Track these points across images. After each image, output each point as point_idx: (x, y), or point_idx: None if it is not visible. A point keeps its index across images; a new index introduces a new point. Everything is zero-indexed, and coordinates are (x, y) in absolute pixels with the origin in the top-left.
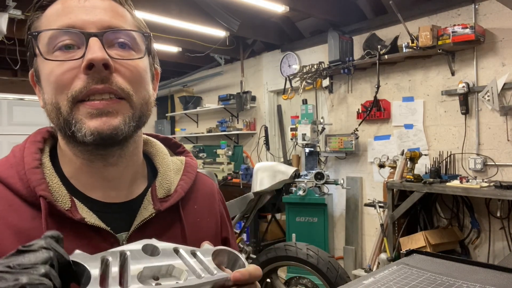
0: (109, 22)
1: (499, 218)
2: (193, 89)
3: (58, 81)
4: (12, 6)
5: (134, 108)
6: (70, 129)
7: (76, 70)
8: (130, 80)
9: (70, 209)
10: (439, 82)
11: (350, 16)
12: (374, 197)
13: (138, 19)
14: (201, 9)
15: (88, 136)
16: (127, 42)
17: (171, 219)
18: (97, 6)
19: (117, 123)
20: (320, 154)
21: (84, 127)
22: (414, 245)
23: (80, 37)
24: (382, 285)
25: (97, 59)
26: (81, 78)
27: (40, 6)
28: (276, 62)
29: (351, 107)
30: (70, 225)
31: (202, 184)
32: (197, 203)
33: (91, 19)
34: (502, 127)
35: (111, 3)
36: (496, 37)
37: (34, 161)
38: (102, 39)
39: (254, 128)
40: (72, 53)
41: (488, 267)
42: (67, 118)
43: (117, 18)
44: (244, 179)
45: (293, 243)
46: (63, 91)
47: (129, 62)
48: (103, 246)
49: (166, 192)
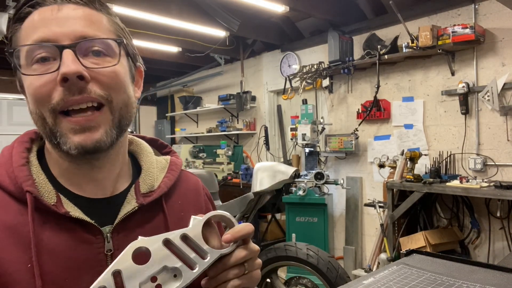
0: (81, 32)
1: (499, 218)
2: (193, 89)
3: (37, 94)
4: (12, 6)
5: (114, 113)
6: (56, 139)
7: (53, 83)
8: (108, 86)
9: (55, 204)
10: (439, 82)
11: (350, 16)
12: (374, 197)
13: (114, 22)
14: (201, 9)
15: (73, 150)
16: (102, 50)
17: (154, 213)
18: (70, 16)
19: (99, 136)
20: (320, 154)
21: (69, 142)
22: (414, 245)
23: (54, 50)
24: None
25: (70, 73)
26: (58, 90)
27: (18, 18)
28: (276, 62)
29: (351, 107)
30: (55, 219)
31: (186, 181)
32: (181, 199)
33: (64, 31)
34: (502, 127)
35: (84, 10)
36: (496, 37)
37: (21, 159)
38: (75, 50)
39: (254, 128)
40: (48, 65)
41: (488, 267)
42: (52, 129)
43: (91, 26)
44: (244, 179)
45: (293, 243)
46: (43, 103)
47: (105, 69)
48: (88, 238)
49: (149, 188)
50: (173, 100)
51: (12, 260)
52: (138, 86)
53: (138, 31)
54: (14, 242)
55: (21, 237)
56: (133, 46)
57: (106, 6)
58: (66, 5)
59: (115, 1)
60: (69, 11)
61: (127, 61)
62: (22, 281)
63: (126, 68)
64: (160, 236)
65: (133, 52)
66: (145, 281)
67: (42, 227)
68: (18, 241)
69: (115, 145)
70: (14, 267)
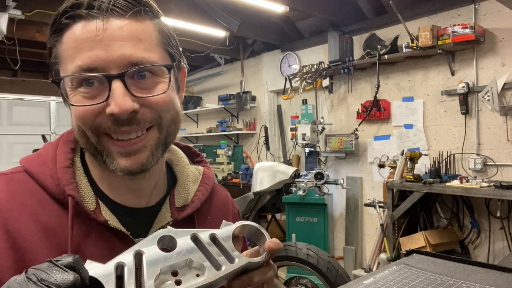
0: (130, 57)
1: (499, 218)
2: (193, 89)
3: (81, 120)
4: (12, 6)
5: (161, 131)
6: (102, 157)
7: (99, 110)
8: (157, 109)
9: (94, 210)
10: (439, 82)
11: (350, 16)
12: (374, 197)
13: (160, 28)
14: (201, 9)
15: (119, 172)
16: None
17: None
18: (116, 36)
19: (145, 159)
20: (320, 154)
21: (115, 163)
22: (414, 245)
23: (102, 79)
24: (382, 285)
25: (121, 113)
26: (105, 117)
27: (57, 29)
28: (276, 62)
29: (351, 107)
30: (93, 226)
31: (217, 196)
32: (210, 214)
33: (111, 57)
34: (502, 127)
35: (131, 25)
36: (496, 37)
37: (66, 160)
38: (124, 80)
39: (254, 128)
40: (94, 90)
41: (488, 267)
42: (97, 147)
43: (138, 45)
44: (244, 179)
45: (293, 243)
46: (87, 127)
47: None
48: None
49: (183, 202)
50: None
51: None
52: (182, 88)
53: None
54: (50, 245)
55: (58, 241)
56: (178, 47)
57: (151, 7)
58: (112, 21)
59: None
60: (114, 30)
61: (174, 71)
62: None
63: (174, 83)
64: (189, 230)
65: (179, 57)
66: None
67: (80, 232)
68: (54, 245)
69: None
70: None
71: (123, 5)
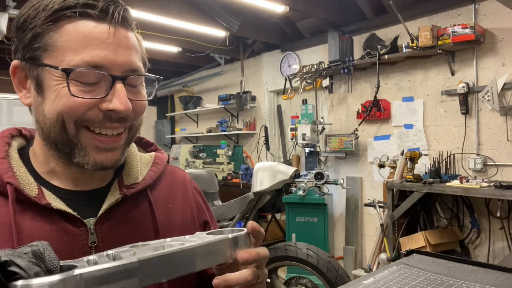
0: (131, 64)
1: (499, 218)
2: (193, 89)
3: (71, 110)
4: (12, 6)
5: (130, 133)
6: (72, 150)
7: (93, 106)
8: (139, 112)
9: (37, 196)
10: (439, 82)
11: (350, 16)
12: (374, 197)
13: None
14: (201, 9)
15: (91, 166)
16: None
17: (140, 205)
18: (122, 44)
19: (118, 157)
20: (320, 154)
21: (88, 157)
22: (414, 245)
23: (106, 78)
24: (382, 285)
25: (125, 111)
26: (96, 112)
27: (55, 19)
28: (276, 62)
29: (351, 107)
30: (37, 211)
31: (173, 175)
32: (168, 191)
33: (117, 60)
34: (502, 127)
35: (131, 36)
36: (496, 37)
37: (1, 152)
38: (125, 83)
39: (254, 128)
40: (92, 88)
41: (488, 267)
42: (72, 139)
43: (136, 55)
44: (244, 179)
45: (293, 243)
46: (72, 118)
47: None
48: (71, 230)
49: (133, 180)
50: (173, 100)
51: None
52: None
53: (138, 31)
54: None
55: (2, 228)
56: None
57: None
58: (120, 30)
59: None
60: (122, 38)
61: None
62: None
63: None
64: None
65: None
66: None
67: (23, 218)
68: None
69: None
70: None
71: (126, 18)
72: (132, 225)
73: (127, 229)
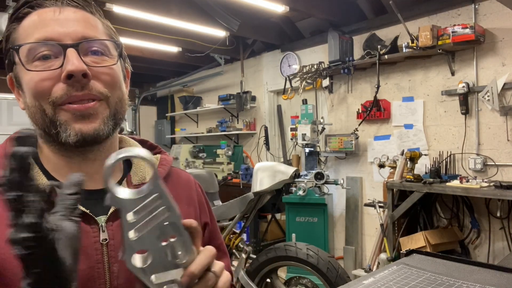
0: (82, 33)
1: (499, 218)
2: (193, 89)
3: (38, 88)
4: (12, 6)
5: (110, 107)
6: (56, 129)
7: (55, 79)
8: (106, 83)
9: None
10: (439, 82)
11: (350, 16)
12: (374, 197)
13: (108, 26)
14: (201, 9)
15: (73, 136)
16: (100, 50)
17: None
18: (70, 18)
19: (97, 125)
20: (320, 154)
21: (69, 129)
22: (414, 245)
23: (58, 49)
24: (382, 285)
25: (77, 70)
26: (60, 86)
27: (16, 18)
28: (276, 62)
29: (351, 107)
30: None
31: (177, 176)
32: (172, 192)
33: (66, 31)
34: (502, 127)
35: (83, 14)
36: (496, 37)
37: None
38: (78, 49)
39: (254, 128)
40: (49, 62)
41: (488, 267)
42: (52, 119)
43: (90, 28)
44: (244, 179)
45: (293, 243)
46: (44, 96)
47: (105, 67)
48: (83, 227)
49: (140, 180)
50: (173, 100)
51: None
52: (126, 85)
53: (138, 31)
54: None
55: None
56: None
57: (99, 10)
58: (66, 8)
59: (115, 1)
60: (69, 14)
61: (120, 62)
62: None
63: (120, 67)
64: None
65: (124, 53)
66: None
67: None
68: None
69: (109, 138)
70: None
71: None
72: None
73: None
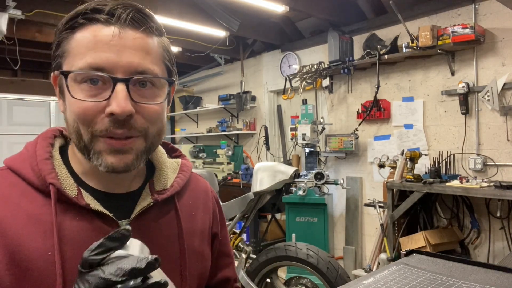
0: (137, 66)
1: (499, 218)
2: (193, 89)
3: (80, 116)
4: (12, 6)
5: (147, 142)
6: (89, 155)
7: (100, 110)
8: (149, 119)
9: (76, 196)
10: (439, 82)
11: (350, 16)
12: (374, 197)
13: (164, 45)
14: (201, 9)
15: (103, 167)
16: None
17: (168, 210)
18: (127, 45)
19: (130, 161)
20: (320, 154)
21: (102, 159)
22: (414, 245)
23: (108, 80)
24: (382, 285)
25: (122, 113)
26: (102, 119)
27: (71, 26)
28: (276, 62)
29: (351, 107)
30: (76, 211)
31: (197, 183)
32: (192, 199)
33: (120, 62)
34: (502, 127)
35: (142, 39)
36: (496, 37)
37: (45, 153)
38: (128, 85)
39: (254, 128)
40: (96, 90)
41: (488, 267)
42: (87, 146)
43: (146, 57)
44: (244, 179)
45: (293, 243)
46: (85, 125)
47: (151, 105)
48: (107, 229)
49: (163, 186)
50: (173, 100)
51: (33, 247)
52: (169, 102)
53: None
54: (36, 230)
55: (43, 226)
56: (174, 64)
57: (159, 25)
58: (127, 31)
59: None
60: (127, 39)
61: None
62: (42, 268)
63: (166, 97)
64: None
65: (175, 74)
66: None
67: (64, 217)
68: (40, 230)
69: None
70: (35, 254)
71: (139, 19)
72: (159, 230)
73: (155, 233)
